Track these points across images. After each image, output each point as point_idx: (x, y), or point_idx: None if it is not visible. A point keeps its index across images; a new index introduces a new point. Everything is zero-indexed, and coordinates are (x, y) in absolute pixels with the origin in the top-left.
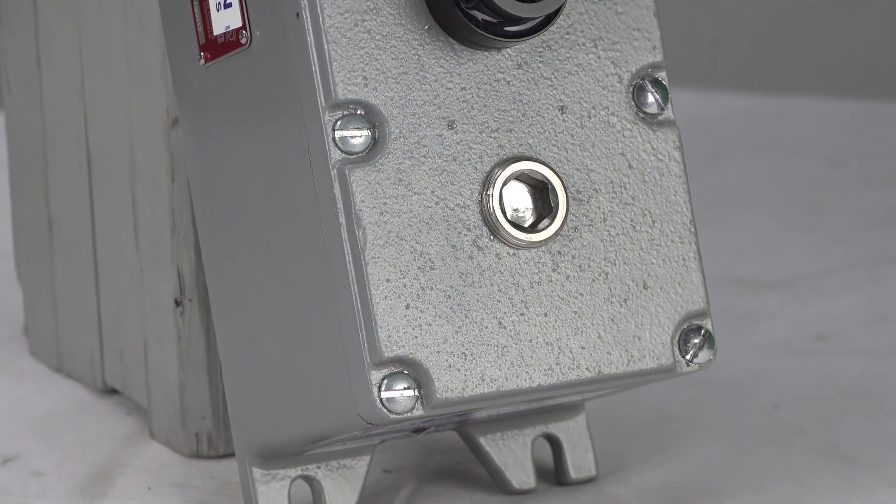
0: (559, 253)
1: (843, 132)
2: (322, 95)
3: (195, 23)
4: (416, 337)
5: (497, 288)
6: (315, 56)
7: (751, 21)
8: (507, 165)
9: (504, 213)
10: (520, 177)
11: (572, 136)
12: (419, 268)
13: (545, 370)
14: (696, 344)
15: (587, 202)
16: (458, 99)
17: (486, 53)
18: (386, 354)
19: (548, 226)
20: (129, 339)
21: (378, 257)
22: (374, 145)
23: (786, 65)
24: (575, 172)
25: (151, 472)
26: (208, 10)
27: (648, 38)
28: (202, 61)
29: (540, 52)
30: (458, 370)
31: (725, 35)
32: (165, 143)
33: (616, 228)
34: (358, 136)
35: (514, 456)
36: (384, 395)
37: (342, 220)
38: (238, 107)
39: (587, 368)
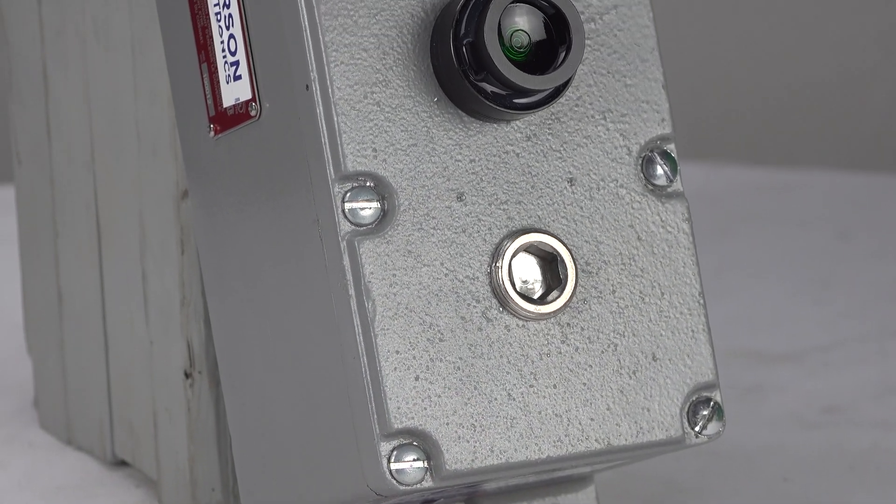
0: (568, 325)
1: (853, 205)
2: (331, 167)
3: (205, 95)
4: (425, 408)
5: (506, 360)
6: (325, 128)
7: (760, 95)
8: (517, 237)
9: (513, 285)
10: (529, 249)
11: (581, 208)
12: (429, 339)
13: (554, 442)
14: (705, 416)
15: (596, 274)
16: (467, 171)
17: (495, 125)
18: (395, 426)
19: (557, 298)
20: (138, 411)
21: (387, 329)
22: (384, 217)
23: (795, 138)
24: (584, 244)
25: None
26: (218, 82)
27: (657, 110)
28: (212, 133)
29: (549, 124)
30: (468, 442)
31: (735, 108)
32: (175, 215)
33: (625, 300)
34: (367, 208)
35: None
36: (393, 466)
37: (352, 291)
38: (247, 179)
39: (596, 440)
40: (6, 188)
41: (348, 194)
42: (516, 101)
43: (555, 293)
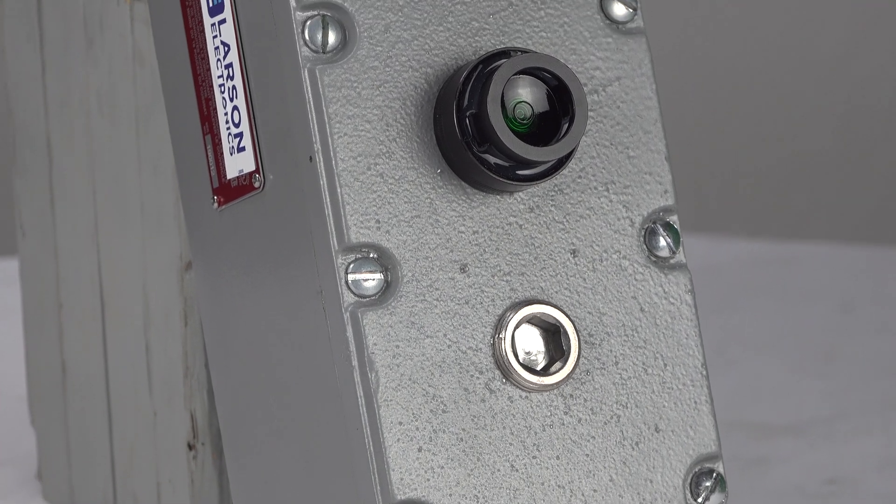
0: (571, 396)
1: (856, 278)
2: (335, 239)
3: (209, 167)
4: (428, 480)
5: (509, 431)
6: (328, 199)
7: (763, 168)
8: (520, 309)
9: (516, 356)
10: (532, 320)
11: (584, 279)
12: (432, 411)
13: None
14: (707, 487)
15: (599, 345)
16: (470, 242)
17: (498, 197)
18: (398, 497)
19: (560, 369)
20: (142, 483)
21: (391, 400)
22: (387, 288)
23: (798, 211)
24: (587, 316)
25: None
26: (222, 154)
27: (660, 182)
28: (215, 205)
29: (552, 195)
30: None
31: (737, 181)
32: (179, 286)
33: (628, 371)
34: (371, 280)
35: None
36: None
37: (355, 363)
38: (251, 250)
39: None
40: (10, 260)
41: (352, 265)
42: (519, 172)
43: (558, 364)
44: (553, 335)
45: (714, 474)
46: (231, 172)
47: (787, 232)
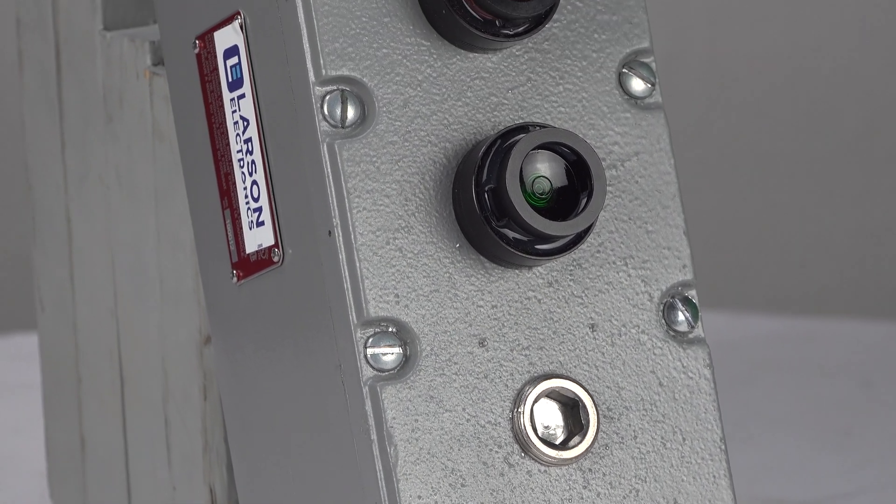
0: (590, 470)
1: (875, 354)
2: (354, 313)
3: (228, 241)
4: None
5: None
6: (347, 273)
7: (782, 244)
8: (538, 383)
9: (535, 430)
10: (550, 394)
11: (603, 353)
12: (450, 485)
13: None
14: None
15: (618, 419)
16: (489, 317)
17: (516, 271)
18: None
19: (579, 443)
20: None
21: (409, 474)
22: (406, 362)
23: (817, 287)
24: (605, 390)
25: None
26: (241, 228)
27: (678, 256)
28: (234, 279)
29: (570, 270)
30: None
31: (756, 257)
32: (198, 361)
33: (647, 446)
34: (389, 354)
35: None
36: None
37: (374, 437)
38: (270, 324)
39: None
40: (30, 335)
41: (370, 339)
42: (538, 247)
43: (577, 439)
44: (572, 409)
45: None
46: (250, 247)
47: (806, 308)
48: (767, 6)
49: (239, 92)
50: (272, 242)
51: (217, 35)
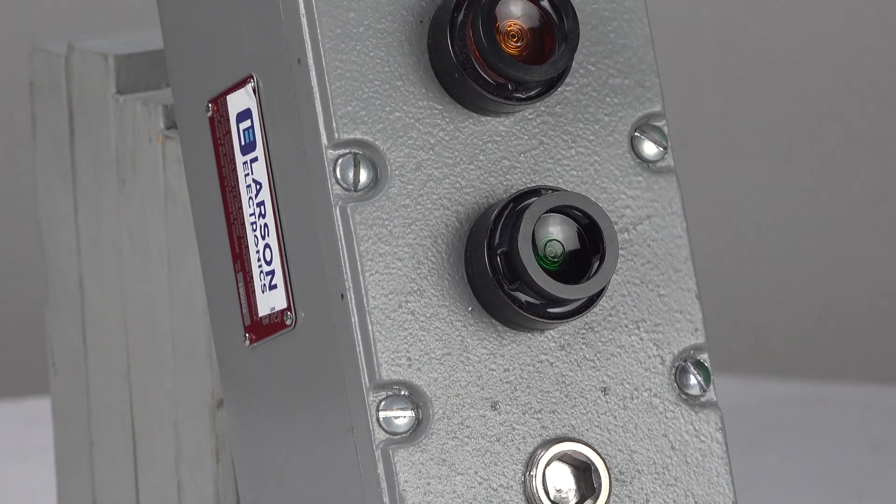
0: None
1: (887, 417)
2: (366, 376)
3: (240, 304)
4: None
5: None
6: (359, 337)
7: (795, 309)
8: (551, 446)
9: (547, 493)
10: (563, 458)
11: (615, 417)
12: None
13: None
14: None
15: (630, 483)
16: (501, 380)
17: (529, 335)
18: None
19: None
20: None
21: None
22: (418, 426)
23: (829, 352)
24: (618, 453)
25: None
26: (253, 291)
27: (691, 320)
28: (247, 343)
29: (583, 333)
30: None
31: (769, 321)
32: (210, 424)
33: None
34: (402, 417)
35: None
36: None
37: (386, 500)
38: (282, 388)
39: None
40: (42, 399)
41: (383, 403)
42: (550, 310)
43: (588, 502)
44: (584, 473)
45: None
46: (263, 310)
47: (818, 373)
48: (780, 72)
49: (252, 155)
50: (285, 306)
51: (230, 98)
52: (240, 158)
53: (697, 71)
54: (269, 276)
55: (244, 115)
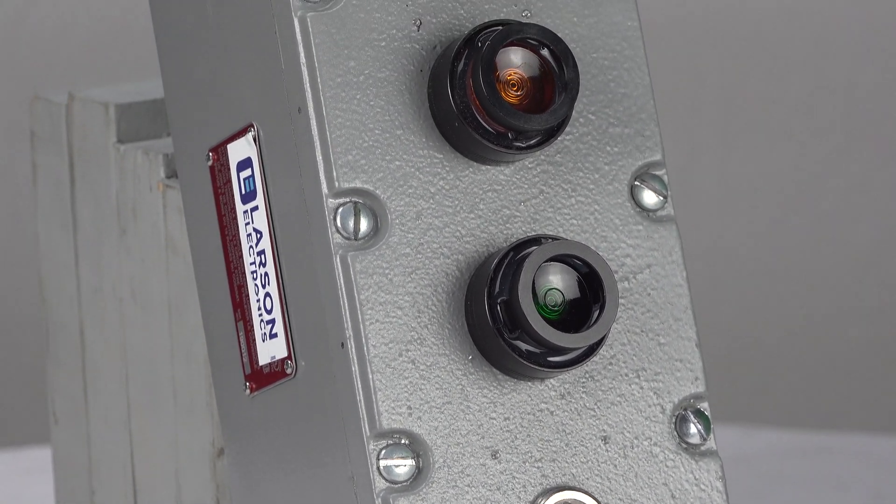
0: None
1: (888, 467)
2: (367, 425)
3: (241, 353)
4: None
5: None
6: (360, 385)
7: (795, 358)
8: (551, 495)
9: None
10: None
11: (615, 465)
12: None
13: None
14: None
15: None
16: (501, 429)
17: (529, 383)
18: None
19: None
20: None
21: None
22: (419, 474)
23: (830, 402)
24: (618, 502)
25: None
26: (254, 340)
27: (691, 369)
28: (247, 391)
29: (583, 382)
30: None
31: (770, 370)
32: (211, 473)
33: None
34: (402, 466)
35: None
36: None
37: None
38: (283, 436)
39: None
40: (43, 449)
41: (383, 451)
42: (550, 359)
43: None
44: None
45: None
46: (263, 359)
47: (819, 422)
48: (780, 124)
49: (252, 204)
50: (285, 354)
51: (230, 147)
52: (240, 207)
53: (698, 120)
54: (270, 325)
55: (245, 163)
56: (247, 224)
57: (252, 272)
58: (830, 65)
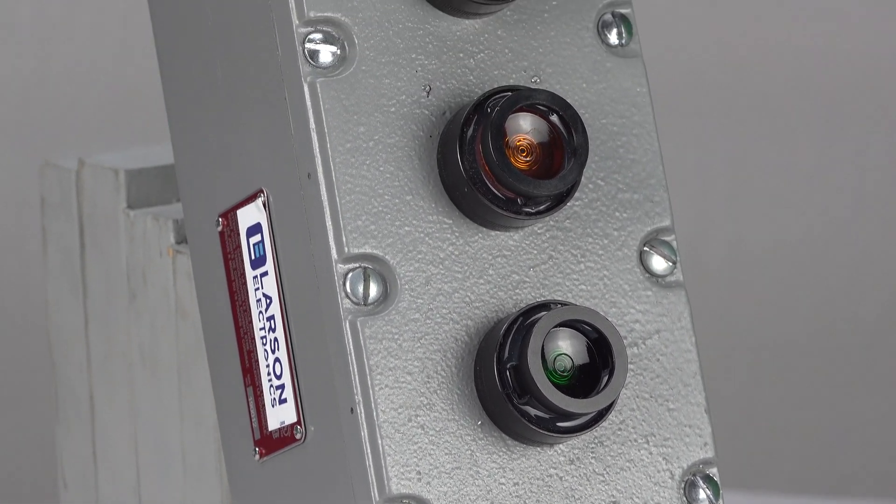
0: None
1: None
2: (376, 490)
3: (250, 418)
4: None
5: None
6: (369, 450)
7: (806, 424)
8: None
9: None
10: None
11: None
12: None
13: None
14: None
15: None
16: (510, 494)
17: (538, 449)
18: None
19: None
20: None
21: None
22: None
23: (841, 469)
24: None
25: None
26: (263, 405)
27: (700, 434)
28: (257, 457)
29: (592, 447)
30: None
31: (780, 436)
32: None
33: None
34: None
35: None
36: None
37: None
38: (292, 502)
39: None
40: None
41: None
42: (560, 424)
43: None
44: None
45: None
46: (273, 424)
47: (828, 489)
48: (789, 192)
49: (262, 269)
50: (294, 420)
51: (240, 213)
52: (250, 272)
53: (707, 186)
54: (279, 391)
55: (254, 229)
56: (256, 289)
57: (262, 337)
58: (839, 132)
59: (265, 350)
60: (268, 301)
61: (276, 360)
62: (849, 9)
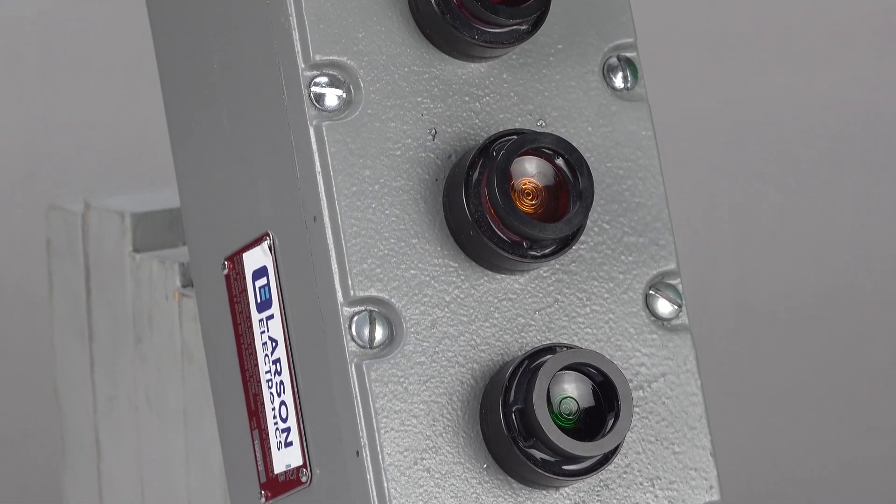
0: None
1: None
2: None
3: (256, 462)
4: None
5: None
6: (375, 494)
7: (809, 467)
8: None
9: None
10: None
11: None
12: None
13: None
14: None
15: None
16: None
17: (544, 492)
18: None
19: None
20: None
21: None
22: None
23: None
24: None
25: None
26: (269, 449)
27: (705, 477)
28: (263, 500)
29: (598, 490)
30: None
31: (784, 480)
32: None
33: None
34: None
35: None
36: None
37: None
38: None
39: None
40: None
41: None
42: (565, 467)
43: None
44: None
45: None
46: (278, 467)
47: None
48: (796, 237)
49: (268, 313)
50: (300, 463)
51: (246, 256)
52: (256, 316)
53: (713, 229)
54: (285, 434)
55: (260, 272)
56: (262, 332)
57: (267, 380)
58: (845, 178)
59: (271, 393)
60: (273, 344)
61: (282, 403)
62: (854, 58)
